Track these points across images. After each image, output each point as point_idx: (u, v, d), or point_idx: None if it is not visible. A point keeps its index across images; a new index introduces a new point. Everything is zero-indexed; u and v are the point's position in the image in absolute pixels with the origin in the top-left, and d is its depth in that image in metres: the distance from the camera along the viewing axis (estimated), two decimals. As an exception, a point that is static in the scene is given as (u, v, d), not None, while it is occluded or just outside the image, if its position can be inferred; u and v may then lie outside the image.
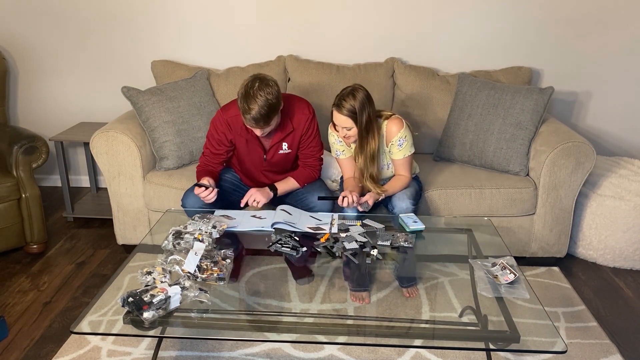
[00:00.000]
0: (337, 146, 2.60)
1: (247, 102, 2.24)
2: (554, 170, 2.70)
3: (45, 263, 2.91)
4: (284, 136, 2.51)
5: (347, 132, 2.45)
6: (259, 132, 2.36)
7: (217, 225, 2.19)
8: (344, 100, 2.39)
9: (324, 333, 1.79)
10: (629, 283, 2.77)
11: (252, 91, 2.24)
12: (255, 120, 2.26)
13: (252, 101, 2.23)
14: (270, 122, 2.31)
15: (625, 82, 3.38)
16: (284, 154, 2.56)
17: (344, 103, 2.38)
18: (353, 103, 2.38)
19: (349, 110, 2.38)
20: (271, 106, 2.26)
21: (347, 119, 2.40)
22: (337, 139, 2.59)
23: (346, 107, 2.38)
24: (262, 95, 2.23)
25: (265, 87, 2.25)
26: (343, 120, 2.41)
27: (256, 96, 2.23)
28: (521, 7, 3.25)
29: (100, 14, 3.40)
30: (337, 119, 2.43)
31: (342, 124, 2.43)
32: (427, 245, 2.28)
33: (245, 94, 2.25)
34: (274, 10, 3.33)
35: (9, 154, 2.86)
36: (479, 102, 2.94)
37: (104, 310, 1.81)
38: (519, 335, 1.71)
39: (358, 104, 2.38)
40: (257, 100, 2.22)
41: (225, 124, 2.49)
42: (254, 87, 2.24)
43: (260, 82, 2.26)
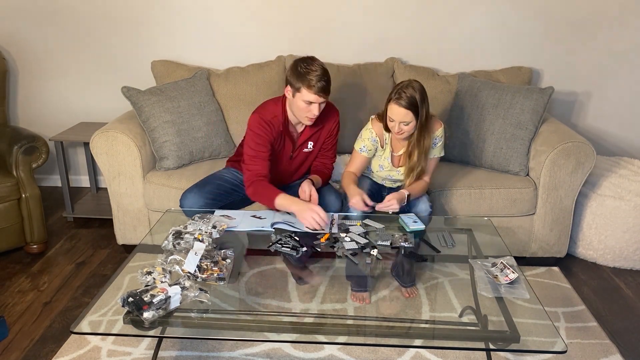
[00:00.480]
0: (367, 143, 2.52)
1: (308, 70, 2.30)
2: (554, 170, 2.70)
3: (45, 263, 2.91)
4: (312, 132, 2.55)
5: (403, 127, 2.35)
6: (316, 110, 2.35)
7: (217, 225, 2.19)
8: (404, 92, 2.29)
9: (324, 333, 1.79)
10: (629, 283, 2.78)
11: (306, 62, 2.33)
12: (320, 87, 2.30)
13: (312, 68, 2.30)
14: (330, 90, 2.36)
15: (625, 82, 3.38)
16: (307, 153, 2.61)
17: (404, 95, 2.29)
18: (414, 95, 2.29)
19: (411, 103, 2.29)
20: (328, 73, 2.34)
21: (407, 112, 2.30)
22: (372, 137, 2.51)
23: (407, 99, 2.29)
24: (318, 63, 2.34)
25: (315, 59, 2.36)
26: (403, 114, 2.31)
27: (313, 63, 2.32)
28: (521, 7, 3.25)
29: (101, 14, 3.40)
30: (395, 112, 2.32)
31: (401, 118, 2.32)
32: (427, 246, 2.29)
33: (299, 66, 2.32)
34: (274, 10, 3.33)
35: (9, 154, 2.86)
36: (479, 102, 2.94)
37: (104, 310, 1.81)
38: (519, 335, 1.71)
39: (418, 95, 2.30)
40: (316, 66, 2.32)
41: (266, 123, 2.44)
42: (307, 61, 2.34)
43: (307, 58, 2.37)
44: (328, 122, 2.58)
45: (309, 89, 2.30)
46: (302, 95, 2.33)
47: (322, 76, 2.30)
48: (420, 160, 2.46)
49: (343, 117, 3.12)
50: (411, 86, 2.31)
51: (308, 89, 2.30)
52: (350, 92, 3.14)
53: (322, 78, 2.30)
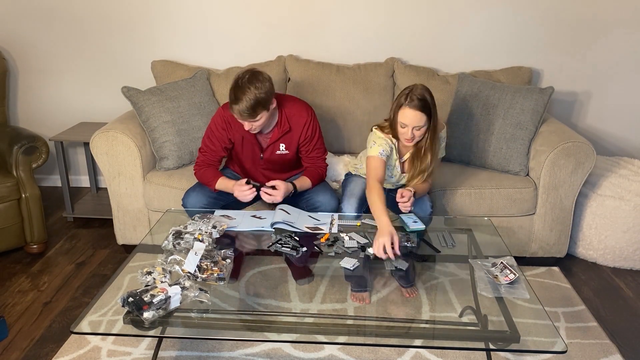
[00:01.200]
0: (385, 147, 2.38)
1: (235, 94, 2.26)
2: (554, 170, 2.70)
3: (45, 263, 2.91)
4: (281, 135, 2.51)
5: (415, 133, 2.28)
6: (247, 127, 2.36)
7: (217, 225, 2.19)
8: (414, 95, 2.23)
9: (324, 333, 1.79)
10: (629, 283, 2.77)
11: (242, 82, 2.26)
12: (240, 113, 2.27)
13: (240, 93, 2.25)
14: (257, 117, 2.30)
15: (625, 82, 3.38)
16: (281, 155, 2.56)
17: (416, 98, 2.23)
18: (425, 96, 2.24)
19: (424, 105, 2.23)
20: (258, 100, 2.25)
21: (422, 116, 2.24)
22: (389, 142, 2.40)
23: (420, 102, 2.22)
24: (251, 88, 2.24)
25: (255, 81, 2.26)
26: (417, 118, 2.23)
27: (244, 89, 2.24)
28: (521, 8, 3.25)
29: (101, 14, 3.40)
30: (408, 116, 2.24)
31: (416, 122, 2.24)
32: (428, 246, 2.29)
33: (235, 85, 2.28)
34: (274, 10, 3.33)
35: (9, 154, 2.86)
36: (479, 102, 2.94)
37: (104, 310, 1.81)
38: (519, 335, 1.71)
39: (429, 97, 2.25)
40: (245, 93, 2.24)
41: (225, 121, 2.50)
42: (244, 79, 2.26)
43: (251, 75, 2.28)
44: (297, 125, 2.51)
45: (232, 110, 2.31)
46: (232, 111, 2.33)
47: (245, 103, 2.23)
48: (433, 163, 2.42)
49: (343, 117, 3.13)
50: (419, 88, 2.27)
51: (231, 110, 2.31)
52: (350, 92, 3.14)
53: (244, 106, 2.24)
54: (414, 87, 2.28)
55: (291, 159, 2.60)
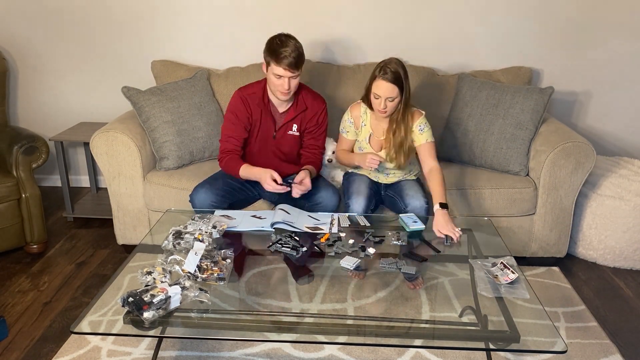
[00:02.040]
0: (345, 125, 2.64)
1: (281, 46, 2.38)
2: (554, 170, 2.70)
3: (45, 263, 2.91)
4: (297, 114, 2.60)
5: (388, 104, 2.40)
6: (286, 86, 2.43)
7: (217, 225, 2.19)
8: (388, 67, 2.35)
9: (324, 333, 1.79)
10: (629, 283, 2.78)
11: (281, 39, 2.42)
12: (289, 64, 2.37)
13: (285, 44, 2.39)
14: (300, 69, 2.44)
15: (625, 82, 3.38)
16: (292, 136, 2.64)
17: (389, 70, 2.34)
18: (398, 70, 2.35)
19: (396, 77, 2.34)
20: (300, 51, 2.42)
21: (393, 87, 2.35)
22: (348, 119, 2.62)
23: (392, 74, 2.34)
24: (293, 41, 2.42)
25: (292, 37, 2.45)
26: (389, 89, 2.36)
27: (287, 41, 2.41)
28: (521, 8, 3.25)
29: (101, 14, 3.40)
30: (381, 87, 2.37)
31: (387, 94, 2.37)
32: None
33: (275, 43, 2.41)
34: (274, 10, 3.33)
35: (9, 154, 2.86)
36: (479, 102, 2.94)
37: (104, 310, 1.81)
38: (519, 335, 1.71)
39: (402, 70, 2.36)
40: (289, 44, 2.39)
41: (243, 101, 2.58)
42: (281, 37, 2.43)
43: (285, 35, 2.45)
44: (313, 107, 2.63)
45: (277, 63, 2.39)
46: (272, 68, 2.43)
47: (292, 52, 2.38)
48: (407, 136, 2.50)
49: (342, 117, 3.13)
50: (394, 62, 2.39)
51: (277, 63, 2.39)
52: (350, 92, 3.14)
53: (292, 54, 2.38)
54: (389, 60, 2.40)
55: (298, 142, 2.68)
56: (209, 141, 2.98)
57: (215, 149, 3.01)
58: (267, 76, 2.50)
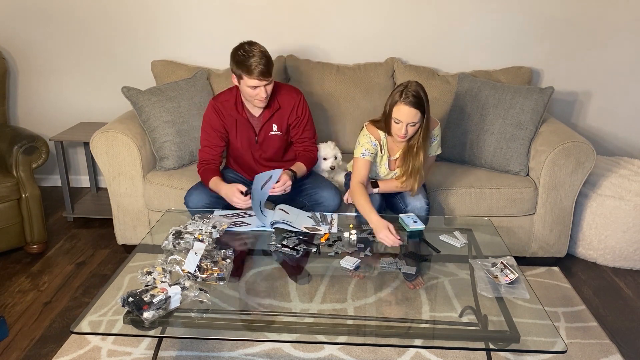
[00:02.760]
0: (368, 147, 2.44)
1: (247, 56, 2.33)
2: (554, 170, 2.70)
3: (45, 263, 2.91)
4: (272, 114, 2.56)
5: (409, 129, 2.30)
6: (262, 94, 2.39)
7: (217, 225, 2.19)
8: (409, 91, 2.25)
9: (324, 333, 1.79)
10: (629, 283, 2.77)
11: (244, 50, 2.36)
12: (261, 72, 2.32)
13: (250, 56, 2.33)
14: (271, 75, 2.38)
15: (625, 82, 3.38)
16: (274, 136, 2.61)
17: (410, 94, 2.24)
18: (419, 93, 2.26)
19: (418, 102, 2.25)
20: (268, 57, 2.37)
21: (416, 112, 2.25)
22: (372, 141, 2.44)
23: (415, 98, 2.24)
24: (256, 47, 2.37)
25: (254, 43, 2.40)
26: (412, 114, 2.25)
27: (251, 50, 2.35)
28: (521, 8, 3.25)
29: (101, 14, 3.40)
30: (403, 112, 2.26)
31: (410, 119, 2.26)
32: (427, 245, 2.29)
33: (241, 55, 2.35)
34: (273, 10, 3.33)
35: (9, 154, 2.86)
36: (479, 102, 2.94)
37: (104, 310, 1.81)
38: (519, 335, 1.71)
39: (423, 94, 2.28)
40: (255, 53, 2.34)
41: (216, 111, 2.57)
42: (244, 47, 2.38)
43: (245, 43, 2.41)
44: (287, 102, 2.58)
45: (249, 75, 2.34)
46: (245, 81, 2.38)
47: (261, 60, 2.32)
48: (425, 161, 2.45)
49: (342, 117, 3.13)
50: (414, 84, 2.29)
51: (249, 75, 2.35)
52: (350, 92, 3.14)
53: (261, 62, 2.32)
54: (409, 83, 2.30)
55: (283, 141, 2.64)
56: (209, 141, 2.98)
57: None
58: (240, 87, 2.44)
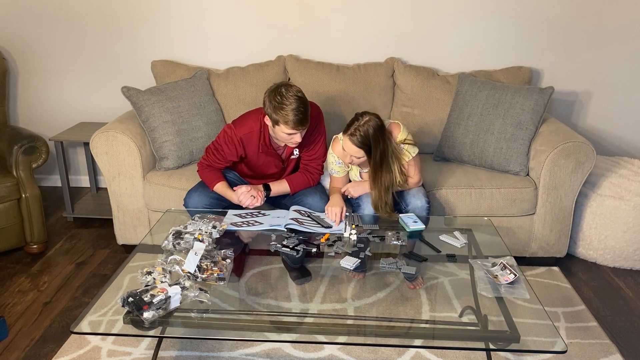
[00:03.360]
0: (334, 166, 2.53)
1: (283, 108, 2.21)
2: (554, 170, 2.70)
3: (45, 263, 2.91)
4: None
5: (354, 159, 2.38)
6: (299, 138, 2.31)
7: (217, 225, 2.19)
8: (359, 130, 2.27)
9: (324, 333, 1.79)
10: (629, 283, 2.78)
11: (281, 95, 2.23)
12: (300, 122, 2.23)
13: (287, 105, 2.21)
14: (309, 117, 2.30)
15: (625, 82, 3.38)
16: (295, 159, 2.60)
17: (358, 133, 2.27)
18: (368, 134, 2.27)
19: (363, 142, 2.28)
20: (304, 101, 2.26)
21: (359, 150, 2.31)
22: (337, 160, 2.51)
23: (360, 138, 2.27)
24: (292, 94, 2.24)
25: (290, 87, 2.27)
26: (355, 151, 2.32)
27: (287, 98, 2.22)
28: (521, 8, 3.25)
29: (100, 14, 3.40)
30: (348, 147, 2.33)
31: (353, 153, 2.34)
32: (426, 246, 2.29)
33: (277, 101, 2.23)
34: (274, 10, 3.33)
35: (9, 154, 2.86)
36: (479, 102, 2.94)
37: (104, 310, 1.81)
38: (519, 335, 1.71)
39: (372, 134, 2.28)
40: (291, 101, 2.22)
41: (238, 143, 2.45)
42: (281, 92, 2.24)
43: (282, 86, 2.27)
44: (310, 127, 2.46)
45: (286, 125, 2.25)
46: (281, 128, 2.28)
47: (298, 109, 2.22)
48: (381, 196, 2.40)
49: (342, 117, 3.13)
50: (368, 124, 2.28)
51: (285, 125, 2.25)
52: (350, 92, 3.14)
53: (298, 111, 2.22)
54: (367, 120, 2.28)
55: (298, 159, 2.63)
56: (209, 141, 2.98)
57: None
58: (274, 130, 2.33)
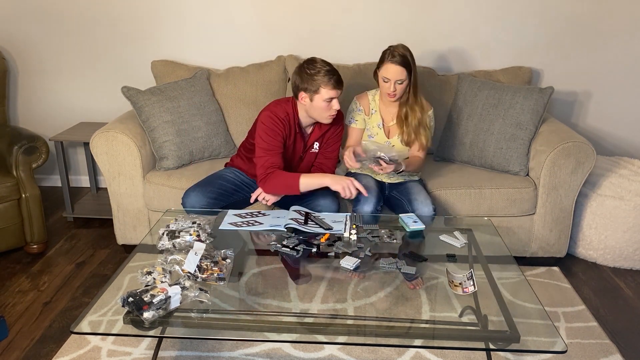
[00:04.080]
0: (353, 114, 2.66)
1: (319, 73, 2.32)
2: (554, 170, 2.70)
3: (45, 263, 2.91)
4: (322, 133, 2.56)
5: (397, 86, 2.48)
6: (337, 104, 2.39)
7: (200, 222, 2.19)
8: (396, 51, 2.45)
9: (324, 333, 1.79)
10: (629, 283, 2.78)
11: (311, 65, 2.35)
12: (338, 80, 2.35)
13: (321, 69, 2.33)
14: None
15: (625, 82, 3.38)
16: (313, 154, 2.62)
17: (397, 54, 2.44)
18: (406, 54, 2.46)
19: (404, 61, 2.44)
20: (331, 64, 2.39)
21: (402, 70, 2.45)
22: (357, 107, 2.65)
23: (400, 57, 2.43)
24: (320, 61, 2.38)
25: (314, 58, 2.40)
26: (398, 72, 2.44)
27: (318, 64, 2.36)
28: (521, 8, 3.25)
29: (101, 13, 3.40)
30: (391, 71, 2.45)
31: (396, 77, 2.45)
32: (427, 245, 2.29)
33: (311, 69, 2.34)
34: (274, 10, 3.33)
35: (9, 154, 2.86)
36: (479, 102, 2.94)
37: (104, 310, 1.81)
38: (519, 335, 1.71)
39: (409, 54, 2.47)
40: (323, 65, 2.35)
41: (282, 122, 2.44)
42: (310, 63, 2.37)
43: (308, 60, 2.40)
44: (334, 124, 2.56)
45: (326, 87, 2.34)
46: (321, 95, 2.35)
47: (332, 70, 2.36)
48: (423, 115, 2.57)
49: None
50: (401, 46, 2.49)
51: (326, 87, 2.34)
52: (350, 92, 3.14)
53: (334, 72, 2.36)
54: (396, 45, 2.51)
55: (314, 156, 2.64)
56: (209, 141, 2.98)
57: (215, 148, 3.02)
58: (313, 105, 2.37)
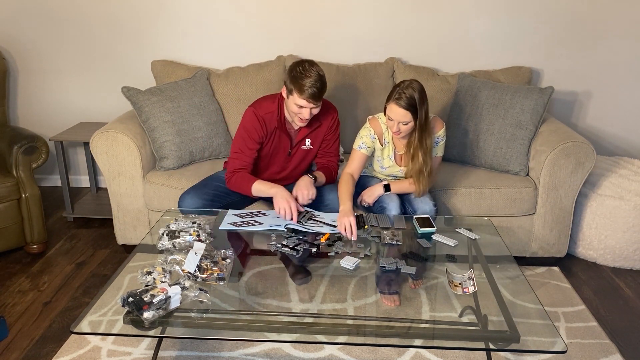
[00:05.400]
0: (366, 140, 2.53)
1: (303, 78, 2.30)
2: (554, 170, 2.70)
3: (45, 263, 2.91)
4: (311, 130, 2.56)
5: (401, 127, 2.39)
6: (306, 115, 2.37)
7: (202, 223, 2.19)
8: (404, 92, 2.33)
9: (324, 333, 1.79)
10: (629, 283, 2.78)
11: (303, 67, 2.33)
12: (312, 95, 2.30)
13: (307, 76, 2.30)
14: (322, 96, 2.37)
15: (625, 81, 3.38)
16: (305, 150, 2.61)
17: (404, 96, 2.33)
18: (413, 95, 2.33)
19: (410, 104, 2.33)
20: (323, 79, 2.35)
21: (406, 113, 2.34)
22: (371, 134, 2.53)
23: (407, 100, 2.32)
24: (315, 69, 2.34)
25: (314, 64, 2.37)
26: (402, 115, 2.34)
27: (309, 71, 2.32)
28: (521, 8, 3.25)
29: (101, 14, 3.40)
30: (395, 112, 2.35)
31: (400, 118, 2.36)
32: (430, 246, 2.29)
33: (298, 71, 2.32)
34: (274, 10, 3.33)
35: (9, 154, 2.86)
36: (478, 102, 2.94)
37: (104, 310, 1.81)
38: (519, 335, 1.71)
39: (418, 96, 2.33)
40: (312, 74, 2.31)
41: (261, 121, 2.48)
42: (304, 65, 2.35)
43: (306, 61, 2.38)
44: (326, 120, 2.58)
45: (299, 94, 2.31)
46: (293, 98, 2.35)
47: (315, 83, 2.30)
48: (426, 160, 2.46)
49: (342, 117, 3.12)
50: (411, 87, 2.34)
51: (299, 94, 2.31)
52: (350, 92, 3.14)
53: (315, 85, 2.29)
54: (408, 83, 2.36)
55: (313, 155, 2.64)
56: (209, 141, 2.98)
57: (215, 148, 3.02)
58: (287, 102, 2.41)
